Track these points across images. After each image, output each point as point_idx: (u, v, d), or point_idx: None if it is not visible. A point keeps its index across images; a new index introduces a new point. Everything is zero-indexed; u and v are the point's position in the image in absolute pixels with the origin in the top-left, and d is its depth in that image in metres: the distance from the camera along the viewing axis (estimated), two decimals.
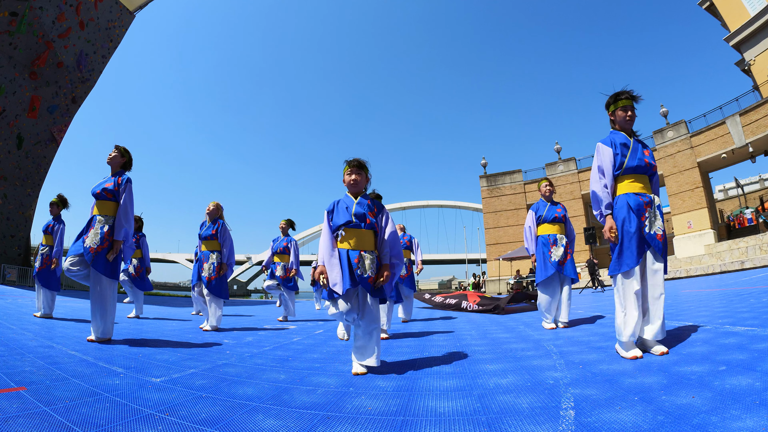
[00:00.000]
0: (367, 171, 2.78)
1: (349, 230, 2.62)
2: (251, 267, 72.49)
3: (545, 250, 4.41)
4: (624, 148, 2.63)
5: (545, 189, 4.65)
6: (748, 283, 8.29)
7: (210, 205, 5.18)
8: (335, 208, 2.71)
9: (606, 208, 2.62)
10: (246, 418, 1.66)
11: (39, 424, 1.50)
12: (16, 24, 16.48)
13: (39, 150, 19.29)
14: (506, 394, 1.92)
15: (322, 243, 2.69)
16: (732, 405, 1.49)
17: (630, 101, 2.71)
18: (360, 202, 2.68)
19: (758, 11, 21.52)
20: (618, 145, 2.65)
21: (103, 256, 3.38)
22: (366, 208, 2.65)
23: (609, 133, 2.79)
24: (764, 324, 3.07)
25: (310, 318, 7.26)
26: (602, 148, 2.68)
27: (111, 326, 3.47)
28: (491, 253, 29.69)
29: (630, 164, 2.62)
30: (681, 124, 23.22)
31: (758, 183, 32.26)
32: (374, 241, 2.68)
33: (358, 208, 2.64)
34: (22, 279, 17.97)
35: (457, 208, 70.71)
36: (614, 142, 2.67)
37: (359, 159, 2.77)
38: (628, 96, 2.70)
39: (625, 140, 2.66)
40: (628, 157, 2.62)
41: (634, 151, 2.63)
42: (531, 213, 4.64)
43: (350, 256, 2.56)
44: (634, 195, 2.58)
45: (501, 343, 3.48)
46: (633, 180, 2.63)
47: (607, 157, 2.64)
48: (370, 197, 2.78)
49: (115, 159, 3.67)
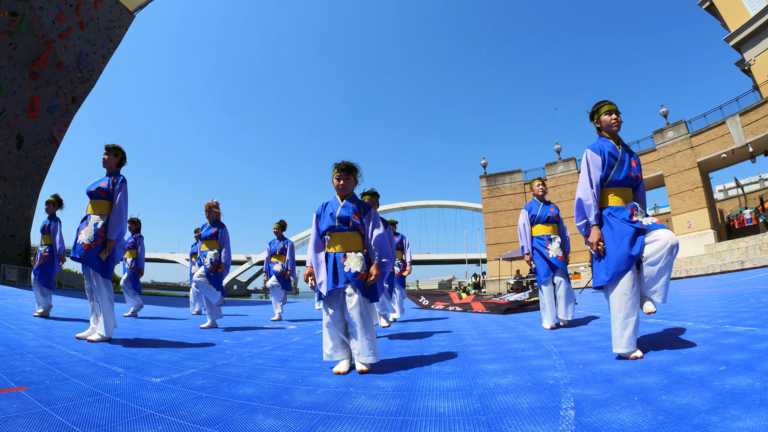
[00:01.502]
0: (355, 173, 2.76)
1: (334, 234, 2.67)
2: (251, 267, 72.51)
3: (542, 250, 4.41)
4: (612, 159, 2.57)
5: (538, 188, 4.66)
6: (748, 283, 8.29)
7: (206, 206, 5.29)
8: (322, 212, 2.75)
9: (594, 219, 2.55)
10: (246, 418, 1.66)
11: (39, 424, 1.50)
12: (16, 24, 16.48)
13: (39, 150, 19.28)
14: (506, 394, 1.92)
15: (309, 245, 2.78)
16: (732, 405, 1.49)
17: (614, 106, 2.67)
18: (345, 205, 2.68)
19: (758, 11, 21.51)
20: (607, 154, 2.58)
21: (96, 253, 3.40)
22: (351, 211, 2.65)
23: (596, 139, 2.72)
24: (764, 324, 3.07)
25: (310, 318, 7.26)
26: (592, 156, 2.60)
27: (112, 325, 3.47)
28: (491, 253, 29.69)
29: (616, 177, 2.56)
30: (681, 124, 23.22)
31: (758, 183, 32.24)
32: (361, 241, 2.69)
33: (342, 212, 2.65)
34: (22, 279, 17.96)
35: (457, 208, 70.70)
36: (603, 150, 2.59)
37: (348, 162, 2.75)
38: (610, 102, 2.68)
39: (613, 149, 2.60)
40: (614, 169, 2.56)
41: (622, 162, 2.58)
42: (524, 212, 4.63)
43: (336, 258, 2.62)
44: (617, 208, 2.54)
45: (501, 343, 3.48)
46: (616, 193, 2.58)
47: (596, 166, 2.58)
48: (360, 198, 2.79)
49: (109, 160, 3.67)
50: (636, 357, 2.38)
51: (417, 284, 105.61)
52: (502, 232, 29.59)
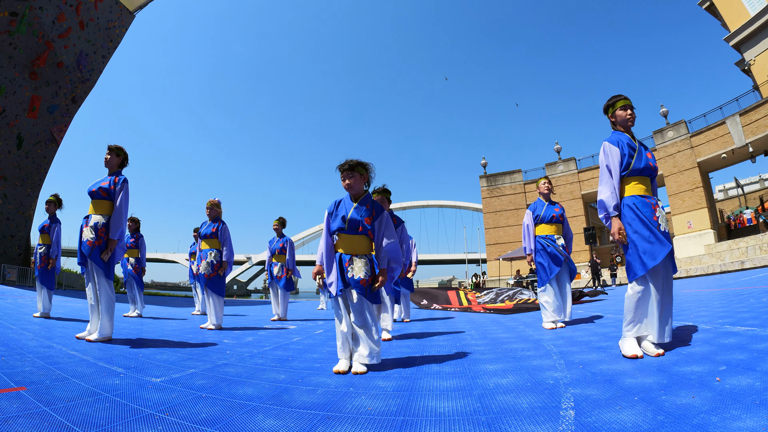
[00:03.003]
0: (362, 170, 2.68)
1: (342, 236, 2.63)
2: (251, 267, 72.54)
3: (546, 248, 4.38)
4: (630, 149, 2.61)
5: (544, 187, 4.62)
6: (748, 283, 8.29)
7: (208, 203, 5.25)
8: (335, 211, 2.69)
9: (614, 209, 2.56)
10: (246, 418, 1.66)
11: (39, 424, 1.50)
12: (16, 24, 16.48)
13: (39, 150, 19.28)
14: (506, 394, 1.92)
15: (321, 243, 2.72)
16: (732, 405, 1.49)
17: (629, 101, 2.71)
18: (357, 207, 2.63)
19: (758, 11, 21.52)
20: (625, 145, 2.62)
21: (98, 253, 3.41)
22: (363, 214, 2.60)
23: (612, 133, 2.75)
24: (764, 324, 3.07)
25: (310, 318, 7.26)
26: (610, 148, 2.63)
27: (111, 326, 3.47)
28: (491, 253, 29.71)
29: (637, 165, 2.59)
30: (681, 124, 23.23)
31: (758, 183, 32.25)
32: (368, 245, 2.65)
33: (354, 214, 2.60)
34: (22, 279, 17.97)
35: (457, 208, 70.73)
36: (621, 142, 2.63)
37: (351, 160, 2.67)
38: (625, 97, 2.72)
39: (630, 141, 2.65)
40: (635, 158, 2.59)
41: (640, 152, 2.62)
42: (529, 212, 4.60)
43: (343, 259, 2.60)
44: (640, 197, 2.56)
45: (501, 343, 3.48)
46: (638, 182, 2.61)
47: (615, 157, 2.60)
48: (372, 198, 2.73)
49: (111, 161, 3.68)
50: (636, 356, 2.38)
51: (417, 284, 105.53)
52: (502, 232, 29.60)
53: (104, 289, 3.42)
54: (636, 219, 2.50)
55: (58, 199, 5.59)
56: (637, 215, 2.50)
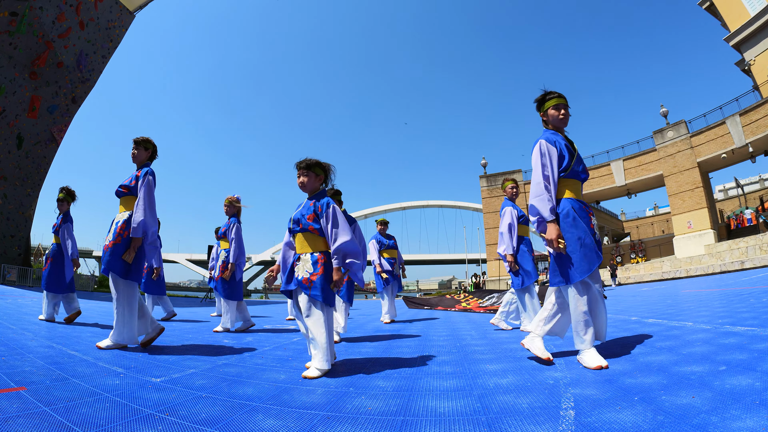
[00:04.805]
0: (318, 170, 2.63)
1: (295, 235, 2.63)
2: (251, 267, 72.50)
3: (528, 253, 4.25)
4: (568, 151, 2.46)
5: (511, 190, 4.44)
6: (748, 283, 8.29)
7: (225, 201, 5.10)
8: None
9: (551, 213, 2.35)
10: (246, 418, 1.66)
11: (39, 424, 1.50)
12: (16, 24, 16.49)
13: (39, 150, 19.30)
14: (506, 394, 1.92)
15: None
16: (732, 405, 1.49)
17: (563, 99, 2.52)
18: (305, 204, 2.63)
19: (758, 11, 21.54)
20: (563, 146, 2.46)
21: (116, 253, 3.10)
22: (306, 211, 2.57)
23: (544, 131, 2.56)
24: (764, 324, 3.07)
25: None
26: (547, 147, 2.45)
27: (128, 333, 3.13)
28: (491, 253, 29.71)
29: (576, 167, 2.45)
30: (681, 124, 23.23)
31: (758, 183, 32.27)
32: (318, 244, 2.57)
33: (297, 213, 2.62)
34: (22, 279, 17.99)
35: (457, 208, 70.67)
36: (558, 142, 2.47)
37: (310, 160, 2.62)
38: (559, 94, 2.53)
39: (566, 142, 2.50)
40: (575, 159, 2.46)
41: (578, 155, 2.50)
42: (512, 211, 4.30)
43: (294, 259, 2.61)
44: (578, 202, 2.45)
45: (501, 343, 3.48)
46: (574, 185, 2.47)
47: (553, 157, 2.43)
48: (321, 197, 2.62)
49: (139, 155, 3.38)
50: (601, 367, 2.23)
51: (417, 284, 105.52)
52: None
53: (120, 291, 3.11)
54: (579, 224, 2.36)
55: (69, 192, 5.02)
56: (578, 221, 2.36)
